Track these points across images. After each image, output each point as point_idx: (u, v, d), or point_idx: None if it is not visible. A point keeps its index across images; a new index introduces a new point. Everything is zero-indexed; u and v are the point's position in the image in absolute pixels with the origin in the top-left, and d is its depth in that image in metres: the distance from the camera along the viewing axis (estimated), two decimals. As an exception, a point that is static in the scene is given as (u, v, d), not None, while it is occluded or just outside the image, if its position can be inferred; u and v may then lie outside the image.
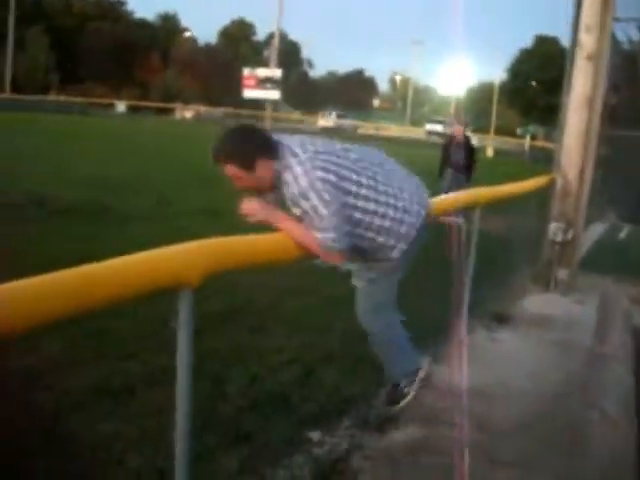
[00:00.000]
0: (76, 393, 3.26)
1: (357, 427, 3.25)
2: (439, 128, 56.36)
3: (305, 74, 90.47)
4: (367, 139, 41.75)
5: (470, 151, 10.77)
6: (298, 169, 2.62)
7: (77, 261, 1.68)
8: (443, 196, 4.38)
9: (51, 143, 18.64)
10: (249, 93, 52.32)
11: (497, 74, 74.21)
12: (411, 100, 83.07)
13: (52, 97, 55.83)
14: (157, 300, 2.01)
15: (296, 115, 69.94)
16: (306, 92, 79.35)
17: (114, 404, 3.19)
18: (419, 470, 3.01)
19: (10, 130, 22.38)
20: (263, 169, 2.67)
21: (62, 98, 54.48)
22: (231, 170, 2.71)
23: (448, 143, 10.89)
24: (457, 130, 11.04)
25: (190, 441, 1.98)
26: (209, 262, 1.78)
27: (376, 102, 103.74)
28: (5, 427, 2.24)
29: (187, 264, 1.71)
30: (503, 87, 71.61)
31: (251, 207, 2.75)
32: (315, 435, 3.10)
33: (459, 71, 66.93)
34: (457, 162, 10.44)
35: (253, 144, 2.70)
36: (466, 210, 4.68)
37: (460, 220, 6.81)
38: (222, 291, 4.63)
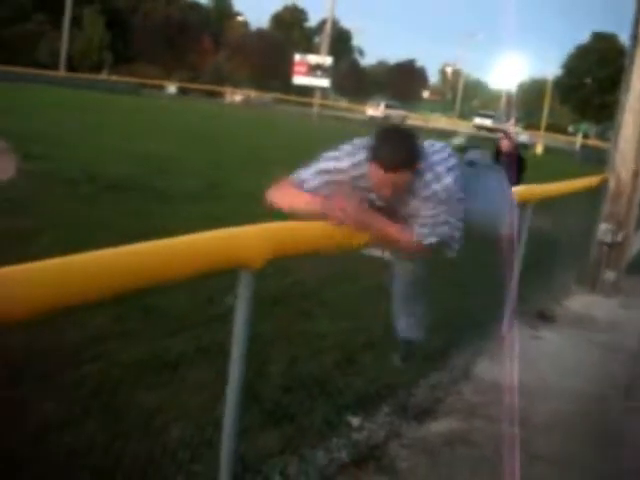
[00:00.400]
0: (124, 365, 3.36)
1: (396, 415, 3.29)
2: (488, 122, 55.66)
3: (355, 62, 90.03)
4: (415, 130, 41.47)
5: (519, 166, 9.19)
6: (440, 169, 2.64)
7: (129, 238, 1.75)
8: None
9: (102, 121, 18.98)
10: (299, 79, 52.37)
11: (550, 70, 72.87)
12: (461, 93, 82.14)
13: (104, 76, 56.75)
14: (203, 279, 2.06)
15: (344, 103, 69.78)
16: (355, 80, 79.00)
17: (158, 378, 3.28)
18: (456, 462, 3.03)
19: (64, 107, 22.88)
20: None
21: (114, 78, 55.33)
22: (403, 177, 2.51)
23: (496, 155, 9.42)
24: (504, 145, 9.41)
25: (238, 417, 2.05)
26: (273, 245, 1.83)
27: (426, 93, 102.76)
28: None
29: (252, 246, 1.77)
30: (557, 83, 70.28)
31: (344, 207, 2.42)
32: (355, 420, 3.15)
33: (511, 65, 65.93)
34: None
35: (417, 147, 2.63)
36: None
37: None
38: (270, 274, 4.70)
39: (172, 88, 58.83)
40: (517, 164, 9.01)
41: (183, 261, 1.70)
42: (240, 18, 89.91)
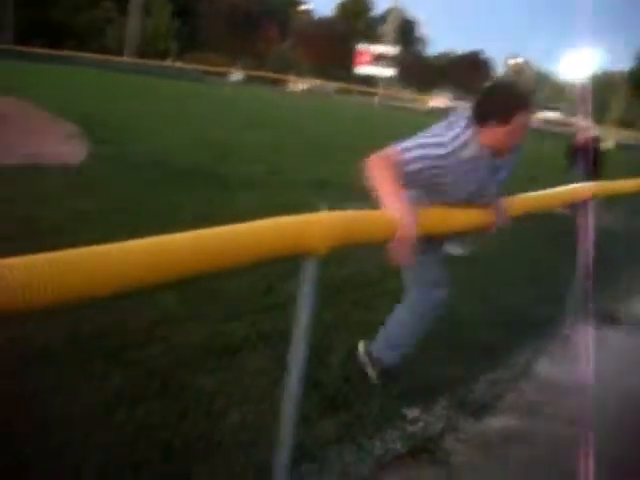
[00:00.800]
0: (185, 348, 3.44)
1: (453, 409, 3.28)
2: (557, 116, 54.34)
3: (420, 53, 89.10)
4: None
5: (596, 160, 8.80)
6: None
7: (193, 223, 1.79)
8: (560, 187, 4.26)
9: (168, 108, 19.31)
10: (363, 69, 52.17)
11: (623, 63, 70.47)
12: (528, 85, 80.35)
13: (170, 63, 57.69)
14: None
15: (407, 94, 69.16)
16: (419, 71, 78.15)
17: (217, 362, 3.34)
18: (511, 459, 3.01)
19: (131, 94, 23.38)
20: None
21: (179, 65, 56.19)
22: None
23: (573, 150, 9.15)
24: (580, 140, 8.99)
25: (298, 402, 2.08)
26: (338, 233, 1.85)
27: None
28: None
29: (317, 234, 1.79)
30: (630, 75, 67.91)
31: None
32: (411, 412, 3.15)
33: (582, 57, 64.05)
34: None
35: None
36: (582, 204, 4.54)
37: (567, 212, 6.62)
38: (330, 263, 4.72)
39: (236, 76, 59.39)
40: (594, 158, 8.79)
41: (249, 247, 1.73)
42: (305, 6, 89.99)
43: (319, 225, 1.84)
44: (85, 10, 61.88)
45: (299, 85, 61.27)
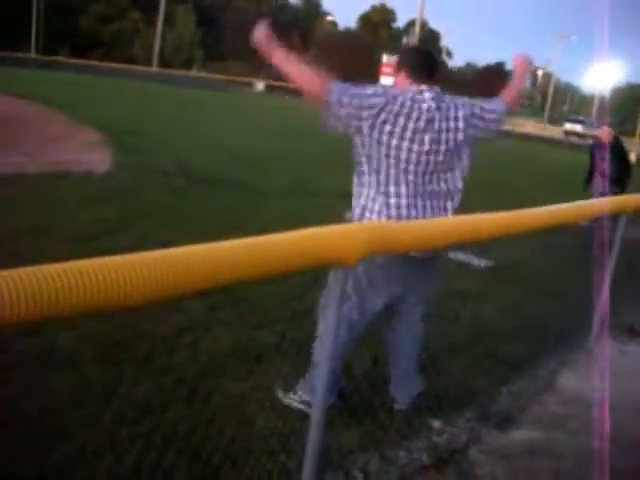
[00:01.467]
0: (211, 353, 3.49)
1: (477, 421, 3.28)
2: (579, 128, 53.86)
3: (443, 64, 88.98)
4: (500, 134, 40.64)
5: (622, 159, 8.54)
6: None
7: (223, 231, 1.82)
8: (589, 200, 4.25)
9: (193, 116, 19.48)
10: (386, 80, 52.16)
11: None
12: (551, 97, 79.90)
13: (194, 73, 58.22)
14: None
15: (430, 105, 68.85)
16: (442, 82, 77.91)
17: (244, 368, 3.38)
18: (536, 472, 3.00)
19: (157, 102, 23.63)
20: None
21: (203, 74, 56.66)
22: None
23: (593, 147, 8.86)
24: (604, 132, 8.75)
25: (325, 411, 2.10)
26: (368, 244, 1.88)
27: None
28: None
29: (348, 244, 1.82)
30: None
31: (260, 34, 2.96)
32: (436, 423, 3.17)
33: (606, 70, 63.59)
34: (604, 171, 8.27)
35: None
36: (610, 217, 4.52)
37: (587, 225, 6.58)
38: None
39: (260, 85, 59.71)
40: (618, 158, 8.39)
41: (281, 257, 1.76)
42: (329, 17, 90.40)
43: (349, 236, 1.87)
44: (113, 20, 62.77)
45: (322, 95, 61.31)
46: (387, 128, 2.72)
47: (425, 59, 3.06)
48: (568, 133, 54.41)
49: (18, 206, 6.35)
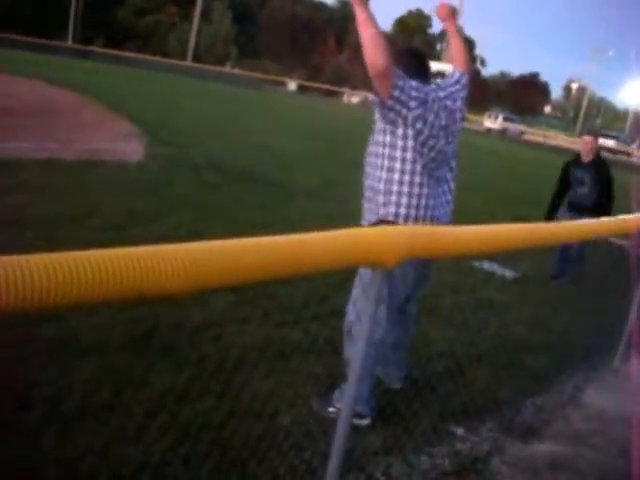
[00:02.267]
0: (238, 348, 3.50)
1: (501, 431, 3.27)
2: (611, 143, 53.25)
3: (476, 72, 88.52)
4: (532, 145, 40.34)
5: (603, 179, 6.37)
6: None
7: (251, 227, 1.83)
8: (621, 216, 4.19)
9: (225, 112, 19.59)
10: (417, 85, 51.99)
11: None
12: (584, 110, 79.14)
13: (228, 69, 58.54)
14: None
15: (461, 112, 68.46)
16: (475, 90, 77.52)
17: (269, 365, 3.39)
18: (557, 486, 2.98)
19: (190, 96, 23.81)
20: None
21: (236, 71, 56.96)
22: None
23: (567, 166, 6.66)
24: (585, 142, 6.52)
25: (352, 411, 2.11)
26: (407, 248, 1.88)
27: (547, 108, 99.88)
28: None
29: (387, 246, 1.82)
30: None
31: None
32: (459, 430, 3.16)
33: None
34: (580, 196, 6.43)
35: None
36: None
37: (626, 243, 6.50)
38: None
39: (292, 85, 59.87)
40: (598, 178, 6.38)
41: (320, 254, 1.77)
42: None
43: (389, 238, 1.88)
44: (150, 13, 63.36)
45: (353, 98, 61.43)
46: (419, 125, 2.82)
47: (418, 60, 3.13)
48: (601, 148, 53.73)
49: (51, 192, 6.45)
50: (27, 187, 6.45)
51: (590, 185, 6.36)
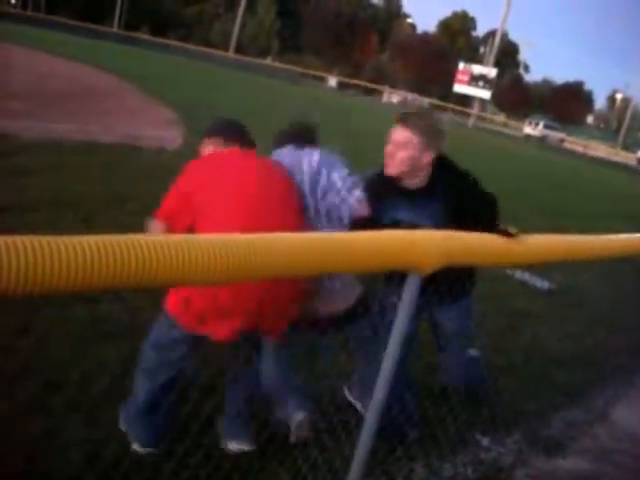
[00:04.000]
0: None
1: (526, 443, 3.23)
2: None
3: (519, 77, 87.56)
4: (571, 155, 39.80)
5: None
6: None
7: None
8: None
9: (265, 105, 19.65)
10: (459, 88, 51.70)
11: None
12: (628, 122, 77.72)
13: (269, 62, 58.79)
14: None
15: (501, 118, 68.11)
16: (517, 96, 76.79)
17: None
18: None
19: (231, 87, 23.93)
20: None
21: (277, 64, 57.17)
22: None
23: None
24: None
25: (381, 414, 2.09)
26: (446, 253, 1.85)
27: (590, 118, 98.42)
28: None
29: (426, 251, 1.80)
30: None
31: None
32: (484, 440, 3.13)
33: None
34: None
35: None
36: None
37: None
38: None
39: (332, 81, 59.90)
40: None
41: (357, 255, 1.75)
42: (408, 20, 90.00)
43: (428, 242, 1.85)
44: (195, 3, 63.89)
45: (393, 97, 61.25)
46: None
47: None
48: (643, 162, 52.90)
49: (92, 174, 6.53)
50: (69, 169, 6.55)
51: None
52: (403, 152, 2.63)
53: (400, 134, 2.65)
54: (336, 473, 2.43)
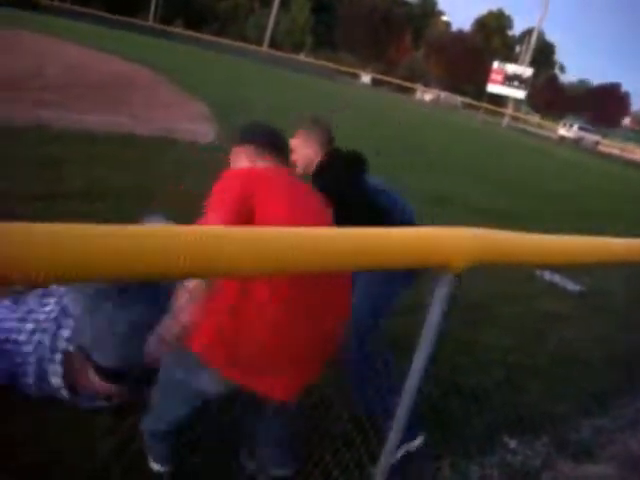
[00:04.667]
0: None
1: (554, 447, 3.19)
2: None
3: (555, 78, 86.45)
4: (606, 157, 39.18)
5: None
6: None
7: None
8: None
9: (297, 102, 19.65)
10: (493, 88, 51.12)
11: None
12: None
13: (302, 58, 58.80)
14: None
15: (536, 119, 67.28)
16: (552, 97, 75.85)
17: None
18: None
19: (265, 83, 24.00)
20: None
21: (311, 60, 57.16)
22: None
23: None
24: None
25: (409, 412, 2.07)
26: (479, 252, 1.83)
27: (626, 121, 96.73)
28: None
29: (458, 249, 1.77)
30: None
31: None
32: (512, 442, 3.09)
33: None
34: None
35: None
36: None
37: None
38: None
39: (366, 78, 59.72)
40: None
41: (387, 251, 1.73)
42: (443, 17, 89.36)
43: (460, 240, 1.83)
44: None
45: (426, 95, 60.89)
46: None
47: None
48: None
49: (124, 166, 6.59)
50: (101, 160, 6.61)
51: None
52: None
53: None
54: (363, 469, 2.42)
